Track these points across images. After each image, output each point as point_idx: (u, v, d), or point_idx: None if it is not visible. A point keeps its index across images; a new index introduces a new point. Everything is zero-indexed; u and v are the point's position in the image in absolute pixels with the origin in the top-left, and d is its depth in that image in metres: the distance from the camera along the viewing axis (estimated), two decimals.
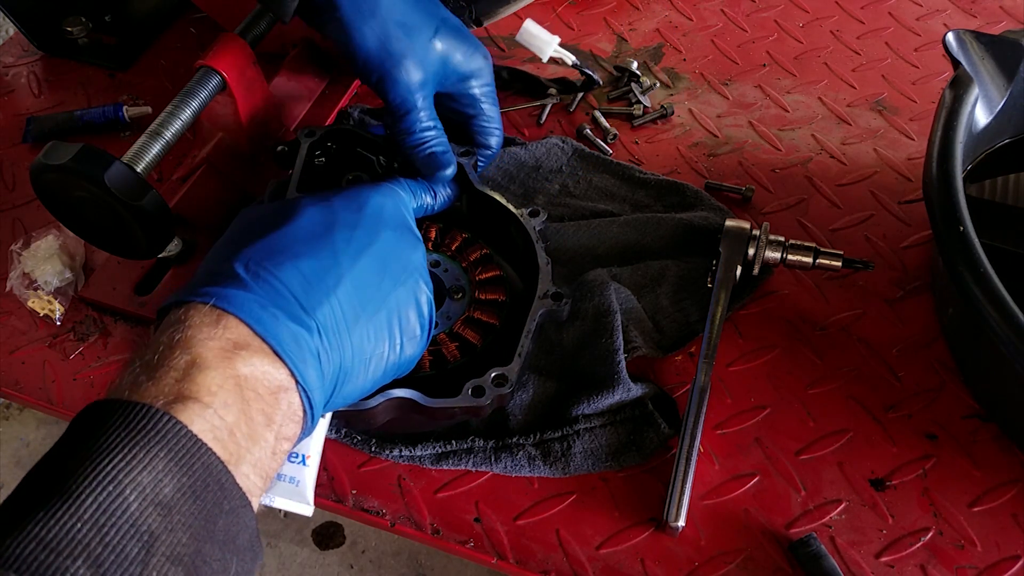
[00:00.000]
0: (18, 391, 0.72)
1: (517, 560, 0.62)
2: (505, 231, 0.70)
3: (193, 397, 0.41)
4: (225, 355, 0.43)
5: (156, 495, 0.37)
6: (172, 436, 0.39)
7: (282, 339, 0.46)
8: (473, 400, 0.58)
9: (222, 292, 0.46)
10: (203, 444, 0.40)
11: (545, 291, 0.64)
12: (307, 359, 0.46)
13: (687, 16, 1.02)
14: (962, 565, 0.61)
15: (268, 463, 0.44)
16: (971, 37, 0.72)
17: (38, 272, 0.76)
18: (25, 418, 1.72)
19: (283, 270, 0.48)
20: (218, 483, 0.40)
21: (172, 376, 0.42)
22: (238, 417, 0.42)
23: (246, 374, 0.44)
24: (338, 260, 0.50)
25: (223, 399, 0.42)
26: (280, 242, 0.50)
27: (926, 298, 0.75)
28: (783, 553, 0.62)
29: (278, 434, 0.45)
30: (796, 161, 0.86)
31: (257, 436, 0.43)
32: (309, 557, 1.52)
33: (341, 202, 0.55)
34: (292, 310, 0.47)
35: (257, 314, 0.45)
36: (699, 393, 0.66)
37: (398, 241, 0.55)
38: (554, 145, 0.85)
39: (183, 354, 0.43)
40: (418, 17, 0.67)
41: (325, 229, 0.52)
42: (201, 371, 0.42)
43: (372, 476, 0.66)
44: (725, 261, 0.72)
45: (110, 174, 0.58)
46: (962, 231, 0.60)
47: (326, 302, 0.48)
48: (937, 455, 0.66)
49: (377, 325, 0.51)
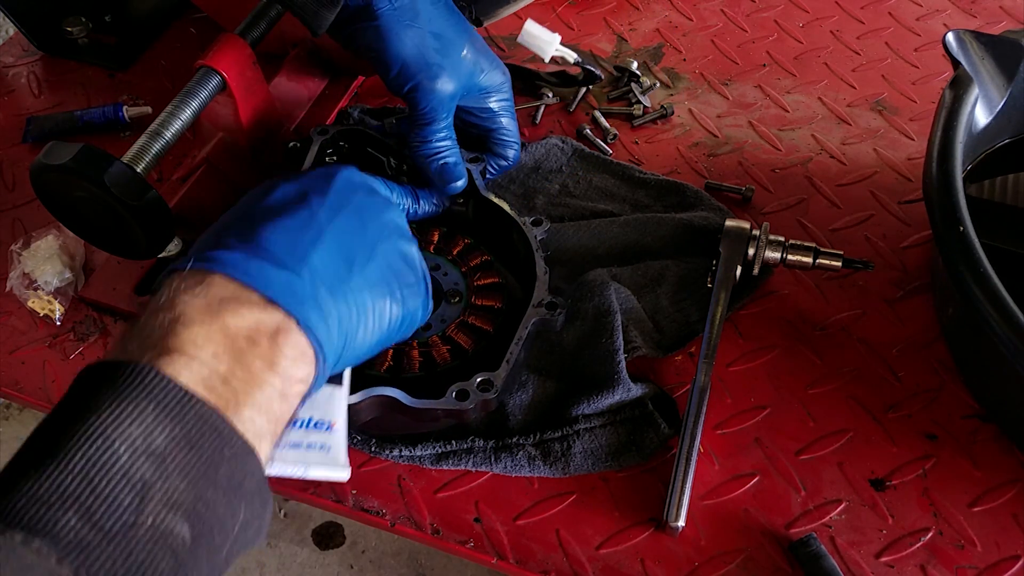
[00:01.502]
0: (18, 391, 0.72)
1: (517, 560, 0.62)
2: (508, 238, 0.71)
3: (178, 351, 0.41)
4: (209, 309, 0.44)
5: (147, 446, 0.38)
6: (158, 389, 0.39)
7: (272, 283, 0.46)
8: (456, 403, 0.58)
9: (206, 255, 0.47)
10: (191, 394, 0.40)
11: (540, 300, 0.64)
12: (304, 301, 0.47)
13: (687, 16, 1.02)
14: (962, 565, 0.61)
15: (278, 406, 0.44)
16: (971, 37, 0.72)
17: (38, 272, 0.76)
18: (25, 418, 1.72)
19: (265, 229, 0.49)
20: (215, 430, 0.40)
21: (156, 335, 0.42)
22: (232, 366, 0.42)
23: (235, 324, 0.44)
24: (316, 218, 0.51)
25: (212, 350, 0.42)
26: (257, 212, 0.51)
27: (926, 298, 0.75)
28: (783, 553, 0.62)
29: (286, 376, 0.45)
30: (796, 161, 0.86)
31: (259, 381, 0.43)
32: (309, 557, 1.52)
33: (312, 175, 0.56)
34: (280, 262, 0.47)
35: (242, 266, 0.46)
36: (699, 393, 0.66)
37: (372, 203, 0.55)
38: (554, 145, 0.85)
39: (166, 314, 0.43)
40: (453, 30, 0.69)
41: (298, 196, 0.52)
42: (185, 326, 0.42)
43: (372, 476, 0.66)
44: (725, 261, 0.72)
45: (110, 174, 0.58)
46: (962, 231, 0.60)
47: (312, 253, 0.49)
48: (937, 455, 0.66)
49: (369, 276, 0.51)
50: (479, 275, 0.69)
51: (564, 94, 0.92)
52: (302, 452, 0.54)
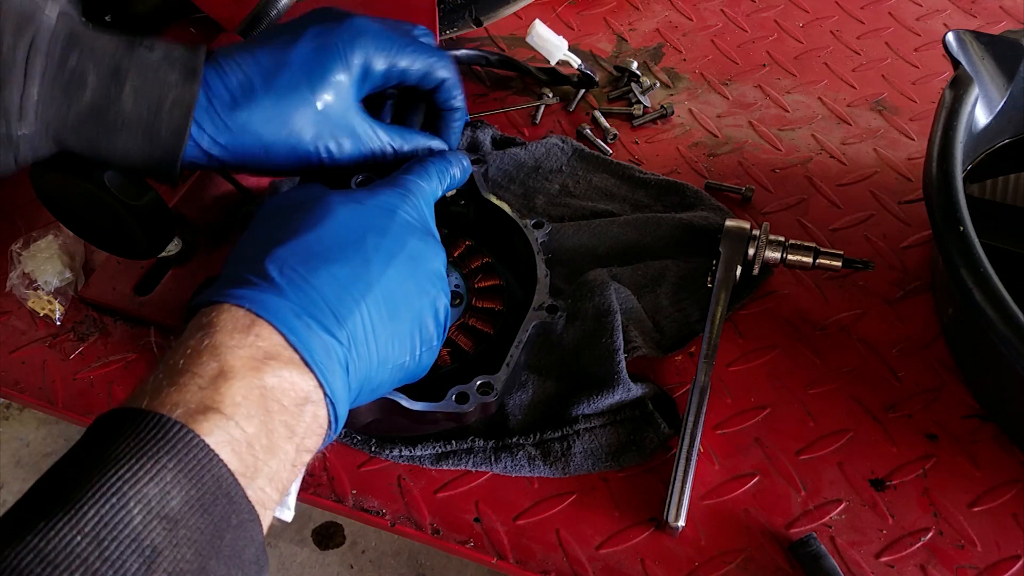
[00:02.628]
0: (18, 391, 0.72)
1: (517, 560, 0.62)
2: (509, 240, 0.70)
3: (215, 408, 0.40)
4: (254, 364, 0.43)
5: (162, 508, 0.37)
6: (184, 447, 0.38)
7: (314, 350, 0.45)
8: (457, 406, 0.58)
9: (256, 296, 0.45)
10: (215, 456, 0.39)
11: (540, 303, 0.64)
12: (336, 370, 0.46)
13: (687, 16, 1.02)
14: (962, 565, 0.61)
15: (286, 475, 0.44)
16: (971, 37, 0.72)
17: (38, 272, 0.76)
18: (25, 418, 1.72)
19: (317, 276, 0.47)
20: (227, 496, 0.39)
21: (196, 383, 0.41)
22: (259, 429, 0.42)
23: (272, 384, 0.43)
24: (369, 268, 0.49)
25: (246, 410, 0.41)
26: (314, 244, 0.49)
27: (926, 298, 0.75)
28: (783, 553, 0.62)
29: (299, 446, 0.44)
30: (796, 161, 0.86)
31: (276, 448, 0.43)
32: (309, 557, 1.52)
33: (373, 206, 0.53)
34: (324, 319, 0.46)
35: (291, 322, 0.45)
36: (699, 393, 0.66)
37: (424, 249, 0.54)
38: (554, 145, 0.85)
39: (211, 360, 0.42)
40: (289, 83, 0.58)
41: (357, 234, 0.51)
42: (227, 380, 0.41)
43: (372, 476, 0.66)
44: (725, 261, 0.72)
45: (110, 174, 0.58)
46: (962, 231, 0.60)
47: (356, 311, 0.48)
48: (937, 455, 0.66)
49: (401, 335, 0.51)
50: (480, 277, 0.69)
51: (564, 93, 0.92)
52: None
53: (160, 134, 0.53)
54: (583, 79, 0.91)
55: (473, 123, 0.87)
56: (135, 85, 0.52)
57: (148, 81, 0.52)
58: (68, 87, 0.51)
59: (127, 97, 0.52)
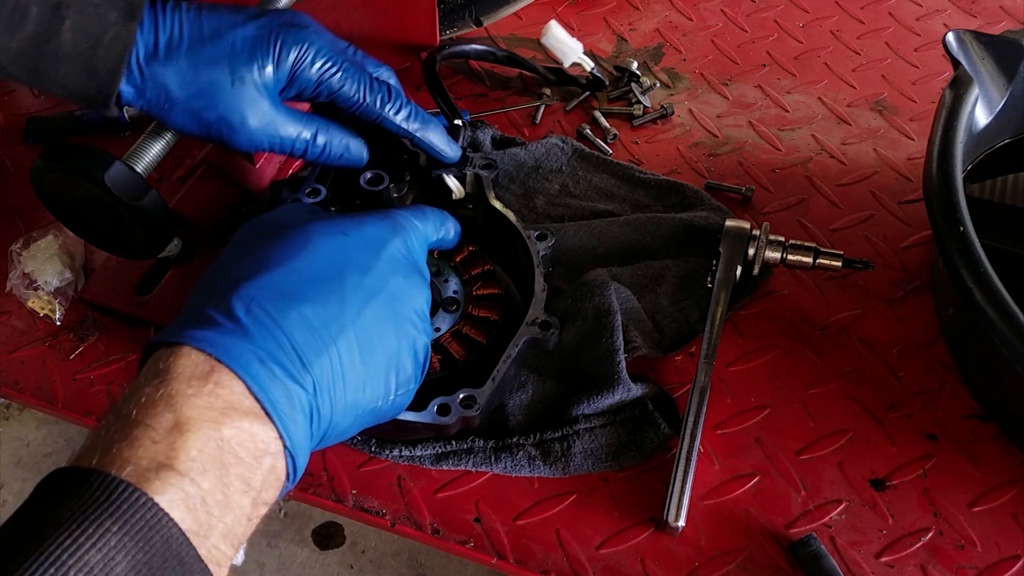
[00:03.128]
0: (18, 391, 0.72)
1: (517, 560, 0.62)
2: (512, 248, 0.70)
3: (169, 465, 0.39)
4: (212, 416, 0.41)
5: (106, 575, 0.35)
6: (130, 508, 0.37)
7: (277, 400, 0.43)
8: (437, 418, 0.58)
9: (217, 340, 0.43)
10: (165, 516, 0.37)
11: (534, 318, 0.63)
12: (298, 419, 0.44)
13: (687, 16, 1.02)
14: (962, 565, 0.61)
15: (242, 530, 0.42)
16: (971, 37, 0.72)
17: (38, 272, 0.76)
18: (25, 418, 1.72)
19: (287, 317, 0.46)
20: (178, 558, 0.38)
21: (150, 437, 0.39)
22: (214, 484, 0.40)
23: (230, 436, 0.41)
24: (344, 309, 0.48)
25: (201, 465, 0.40)
26: (288, 280, 0.48)
27: (926, 298, 0.75)
28: (783, 553, 0.62)
29: (256, 499, 0.43)
30: (796, 161, 0.86)
31: (232, 503, 0.41)
32: (309, 557, 1.52)
33: (357, 238, 0.52)
34: (290, 365, 0.45)
35: (254, 370, 0.43)
36: (699, 393, 0.66)
37: (407, 288, 0.53)
38: (554, 145, 0.85)
39: (165, 411, 0.40)
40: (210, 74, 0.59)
41: (336, 271, 0.49)
42: (182, 434, 0.40)
43: (372, 476, 0.66)
44: (725, 261, 0.72)
45: (110, 174, 0.58)
46: (962, 231, 0.60)
47: (325, 354, 0.46)
48: (937, 455, 0.66)
49: (374, 377, 0.50)
50: (479, 285, 0.69)
51: (566, 93, 0.92)
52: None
53: (96, 70, 0.55)
54: (593, 82, 0.91)
55: (473, 123, 0.87)
56: (74, 20, 0.54)
57: (87, 18, 0.54)
58: (11, 18, 0.53)
59: (66, 32, 0.54)
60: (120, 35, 0.55)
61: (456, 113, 0.82)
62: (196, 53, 0.57)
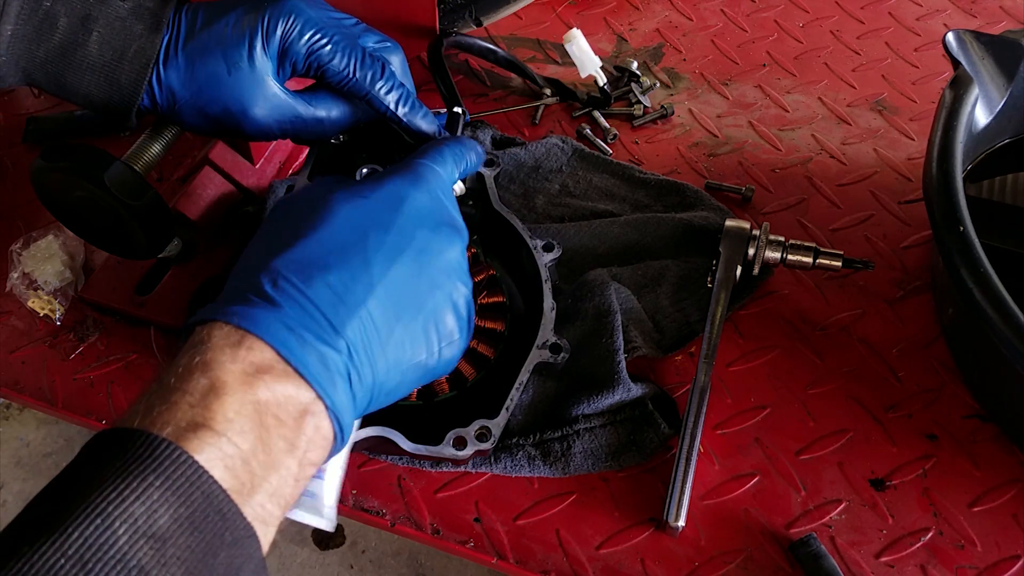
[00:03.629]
0: (18, 391, 0.72)
1: (517, 560, 0.62)
2: (515, 252, 0.69)
3: (206, 425, 0.40)
4: (246, 379, 0.42)
5: (149, 527, 0.36)
6: (171, 465, 0.38)
7: (308, 362, 0.44)
8: (453, 452, 0.57)
9: (247, 312, 0.44)
10: (205, 473, 0.38)
11: (544, 340, 0.62)
12: (336, 381, 0.45)
13: (687, 16, 1.02)
14: (962, 565, 0.61)
15: (290, 491, 0.43)
16: (971, 37, 0.72)
17: (38, 272, 0.76)
18: (25, 418, 1.72)
19: (312, 286, 0.46)
20: (219, 513, 0.39)
21: (187, 401, 0.40)
22: (255, 445, 0.41)
23: (267, 399, 0.42)
24: (370, 269, 0.48)
25: (239, 426, 0.41)
26: (312, 251, 0.48)
27: (926, 298, 0.75)
28: (783, 553, 0.62)
29: (302, 460, 0.43)
30: (796, 161, 0.86)
31: (277, 464, 0.42)
32: (309, 557, 1.52)
33: (377, 200, 0.51)
34: (320, 330, 0.45)
35: (283, 336, 0.44)
36: (699, 393, 0.66)
37: (436, 240, 0.52)
38: (554, 145, 0.85)
39: (201, 377, 0.41)
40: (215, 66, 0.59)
41: (358, 234, 0.49)
42: (218, 397, 0.41)
43: (372, 476, 0.66)
44: (725, 261, 0.72)
45: (110, 174, 0.58)
46: (962, 231, 0.60)
47: (356, 317, 0.47)
48: (937, 455, 0.66)
49: (413, 334, 0.49)
50: (484, 294, 0.68)
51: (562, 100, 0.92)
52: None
53: (120, 81, 0.57)
54: (599, 97, 0.90)
55: (473, 123, 0.87)
56: (101, 33, 0.56)
57: (114, 31, 0.56)
58: (40, 27, 0.55)
59: (93, 44, 0.56)
60: (144, 48, 0.56)
61: (457, 101, 0.81)
62: (191, 48, 0.58)
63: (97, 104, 0.58)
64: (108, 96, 0.57)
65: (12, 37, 0.54)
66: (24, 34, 0.55)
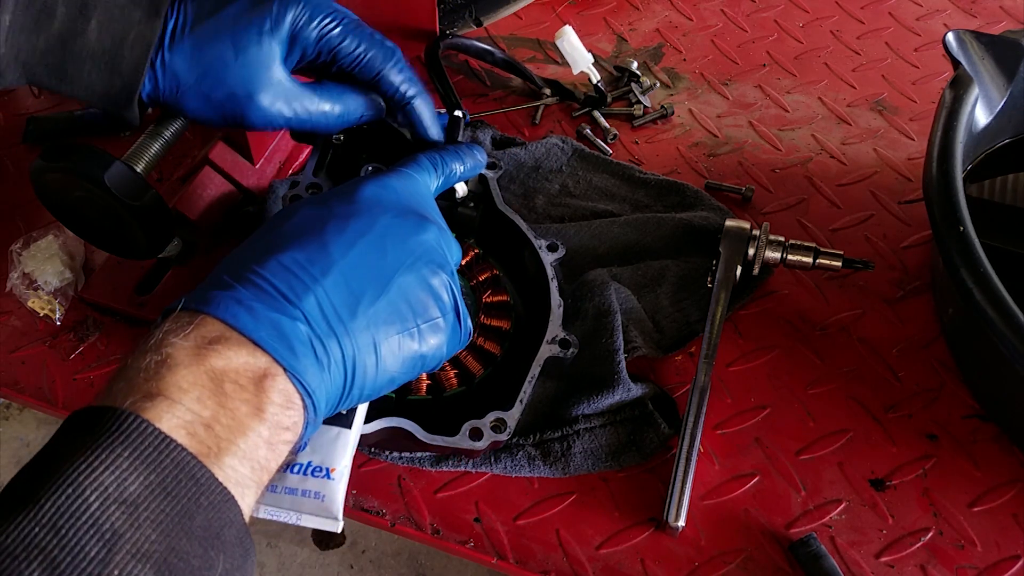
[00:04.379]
0: (18, 391, 0.72)
1: (517, 560, 0.62)
2: (517, 253, 0.69)
3: (161, 394, 0.41)
4: (197, 352, 0.43)
5: (120, 494, 0.37)
6: (136, 434, 0.39)
7: (258, 328, 0.45)
8: (470, 443, 0.58)
9: (202, 295, 0.46)
10: (170, 440, 0.39)
11: (553, 336, 0.63)
12: (294, 346, 0.45)
13: (687, 16, 1.02)
14: (962, 565, 0.61)
15: (264, 454, 0.44)
16: (971, 37, 0.72)
17: (38, 272, 0.76)
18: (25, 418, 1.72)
19: (266, 267, 0.47)
20: (192, 478, 0.40)
21: (141, 377, 0.42)
22: (216, 411, 0.42)
23: (221, 366, 0.43)
24: (327, 250, 0.49)
25: (196, 394, 0.42)
26: (269, 242, 0.49)
27: (926, 298, 0.75)
28: (783, 553, 0.62)
29: (273, 424, 0.44)
30: (796, 161, 0.86)
31: (244, 427, 0.43)
32: (309, 557, 1.52)
33: (335, 196, 0.53)
34: (273, 301, 0.46)
35: (233, 309, 0.45)
36: (699, 393, 0.66)
37: (401, 225, 0.53)
38: (554, 145, 0.85)
39: (154, 355, 0.43)
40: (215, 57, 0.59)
41: (317, 224, 0.51)
42: (170, 369, 0.42)
43: (372, 476, 0.66)
44: (725, 261, 0.72)
45: (110, 174, 0.58)
46: (962, 231, 0.60)
47: (311, 291, 0.47)
48: (937, 455, 0.66)
49: (379, 311, 0.50)
50: (489, 292, 0.67)
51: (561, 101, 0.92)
52: (297, 499, 0.54)
53: (121, 68, 0.56)
54: (595, 97, 0.90)
55: (473, 123, 0.87)
56: (100, 20, 0.55)
57: (113, 17, 0.55)
58: (38, 17, 0.54)
59: (92, 31, 0.55)
60: (144, 33, 0.56)
61: (457, 104, 0.81)
62: (199, 32, 0.57)
63: (98, 94, 0.57)
64: (109, 84, 0.56)
65: (10, 28, 0.53)
66: (23, 24, 0.54)
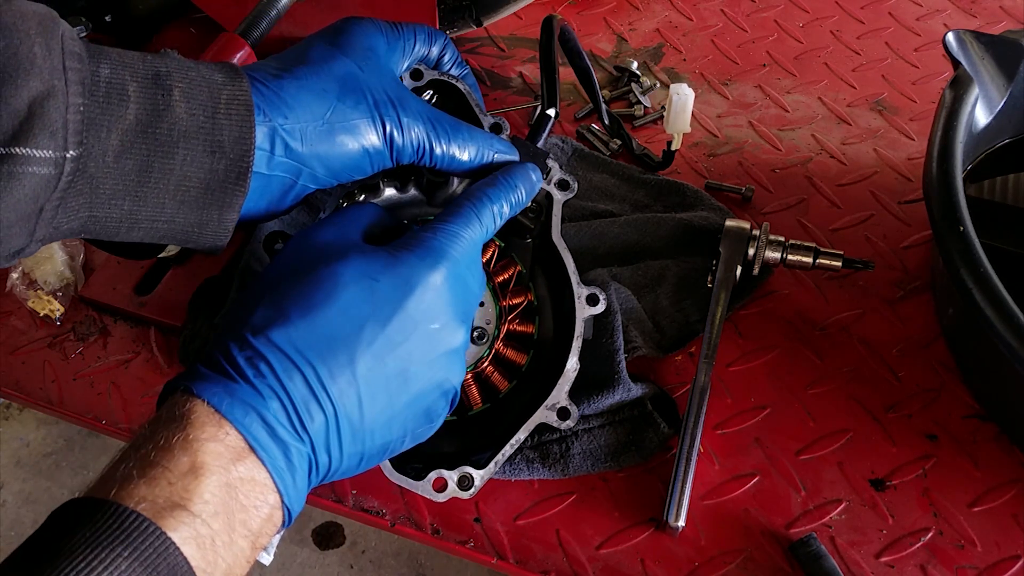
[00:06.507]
0: (18, 391, 0.72)
1: (517, 560, 0.62)
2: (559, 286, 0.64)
3: (183, 506, 0.40)
4: (223, 464, 0.42)
5: None
6: (141, 537, 0.38)
7: (275, 459, 0.44)
8: (431, 492, 0.57)
9: (224, 395, 0.44)
10: (173, 546, 0.39)
11: (554, 402, 0.60)
12: (296, 476, 0.45)
13: (687, 16, 1.02)
14: (962, 565, 0.61)
15: (240, 571, 0.44)
16: (971, 37, 0.72)
17: (38, 272, 0.76)
18: (25, 418, 1.72)
19: (292, 380, 0.45)
20: None
21: (167, 478, 0.41)
22: (223, 526, 0.42)
23: (237, 485, 0.43)
24: (354, 367, 0.46)
25: (214, 507, 0.41)
26: (299, 337, 0.46)
27: (926, 298, 0.75)
28: (783, 553, 0.62)
29: (254, 544, 0.44)
30: (796, 161, 0.86)
31: (234, 545, 0.42)
32: (309, 557, 1.52)
33: (385, 285, 0.48)
34: (289, 425, 0.45)
35: (255, 430, 0.44)
36: (699, 393, 0.66)
37: (437, 335, 0.49)
38: (554, 145, 0.85)
39: (182, 455, 0.42)
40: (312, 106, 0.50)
41: (353, 326, 0.46)
42: (197, 478, 0.41)
43: (372, 476, 0.65)
44: (725, 261, 0.72)
45: None
46: (962, 231, 0.60)
47: (326, 416, 0.46)
48: (937, 455, 0.66)
49: (392, 431, 0.49)
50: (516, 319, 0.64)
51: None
52: None
53: (223, 142, 0.45)
54: (660, 161, 0.84)
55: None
56: (183, 89, 0.44)
57: (194, 83, 0.45)
58: (107, 101, 0.42)
59: (178, 103, 0.44)
60: (236, 93, 0.46)
61: (554, 100, 0.70)
62: (318, 137, 0.50)
63: (197, 188, 0.46)
64: (211, 169, 0.45)
65: (83, 119, 0.41)
66: (91, 116, 0.42)
